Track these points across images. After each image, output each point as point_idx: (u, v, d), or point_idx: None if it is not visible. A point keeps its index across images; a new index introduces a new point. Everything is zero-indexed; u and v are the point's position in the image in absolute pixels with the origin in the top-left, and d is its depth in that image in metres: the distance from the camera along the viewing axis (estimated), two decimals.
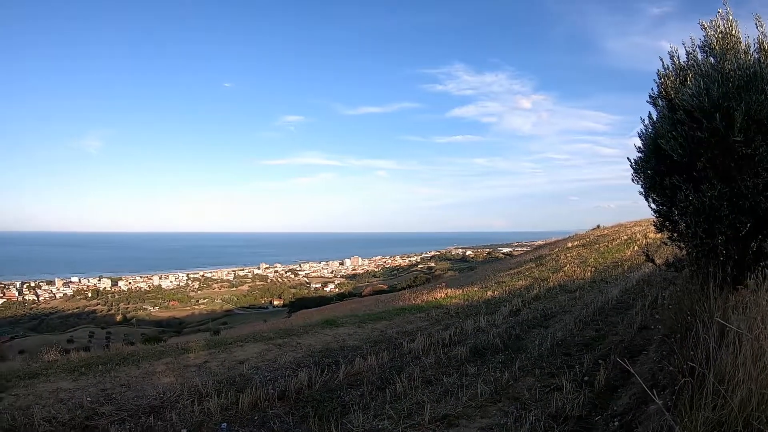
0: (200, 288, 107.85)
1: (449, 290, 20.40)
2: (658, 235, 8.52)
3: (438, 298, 18.09)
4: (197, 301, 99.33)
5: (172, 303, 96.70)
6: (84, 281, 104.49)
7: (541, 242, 65.19)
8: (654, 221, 5.43)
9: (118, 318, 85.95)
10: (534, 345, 7.41)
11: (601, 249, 23.06)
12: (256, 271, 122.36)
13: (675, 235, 4.94)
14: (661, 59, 5.06)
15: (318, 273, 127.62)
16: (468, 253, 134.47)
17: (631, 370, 3.75)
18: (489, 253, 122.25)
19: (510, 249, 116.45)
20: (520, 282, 19.31)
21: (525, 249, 74.33)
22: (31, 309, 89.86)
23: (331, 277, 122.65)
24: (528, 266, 24.88)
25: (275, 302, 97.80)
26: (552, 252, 28.09)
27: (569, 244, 29.00)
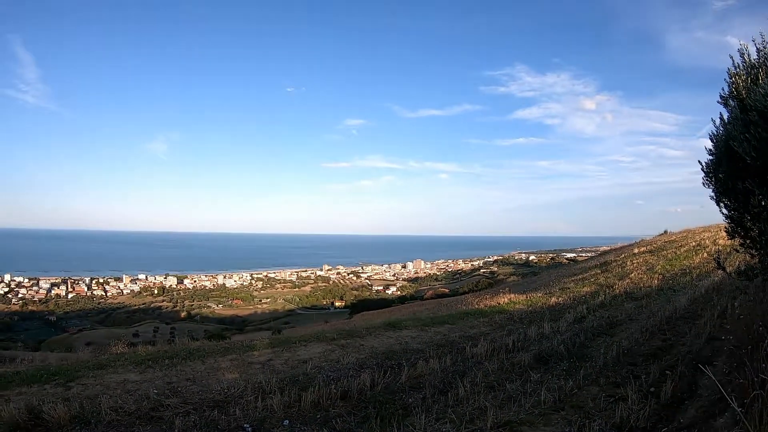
0: (263, 288, 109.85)
1: (512, 295, 20.03)
2: (729, 242, 8.14)
3: (501, 303, 17.84)
4: (260, 300, 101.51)
5: (235, 301, 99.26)
6: (150, 278, 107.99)
7: (606, 248, 62.77)
8: (725, 227, 5.25)
9: (183, 314, 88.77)
10: (599, 353, 7.24)
11: (669, 255, 22.00)
12: (318, 273, 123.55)
13: (747, 241, 4.75)
14: (731, 57, 4.90)
15: (380, 275, 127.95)
16: (531, 257, 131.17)
17: (710, 375, 3.66)
18: (552, 258, 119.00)
19: (574, 254, 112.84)
20: (585, 288, 18.74)
21: (590, 254, 71.88)
22: (99, 303, 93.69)
23: (392, 280, 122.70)
24: (593, 272, 24.09)
25: (337, 303, 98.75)
26: (618, 258, 27.07)
27: (635, 250, 27.84)
